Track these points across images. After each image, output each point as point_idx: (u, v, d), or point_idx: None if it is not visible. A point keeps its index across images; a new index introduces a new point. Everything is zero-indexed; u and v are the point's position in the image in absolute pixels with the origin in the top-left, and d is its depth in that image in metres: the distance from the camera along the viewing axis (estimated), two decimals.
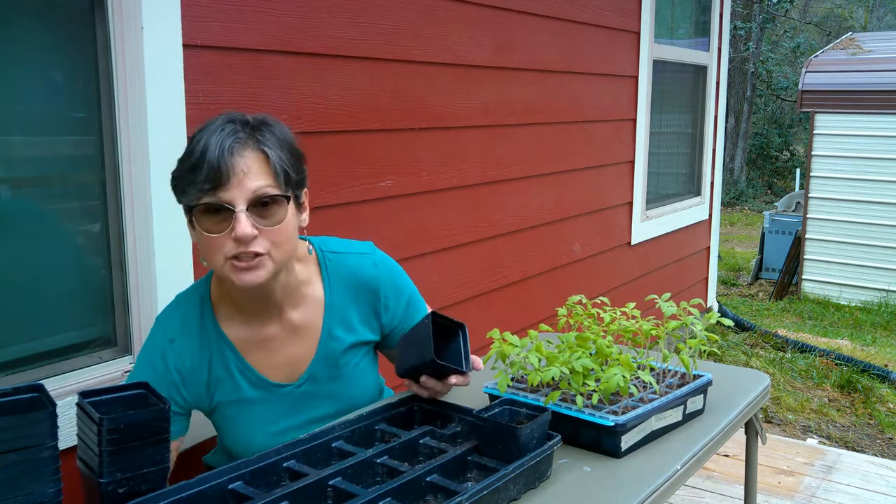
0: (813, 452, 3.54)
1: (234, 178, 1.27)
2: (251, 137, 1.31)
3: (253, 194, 1.29)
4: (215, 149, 1.27)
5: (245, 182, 1.28)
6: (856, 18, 22.34)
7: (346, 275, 1.53)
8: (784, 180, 18.35)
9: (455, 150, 2.81)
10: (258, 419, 1.51)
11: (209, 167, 1.26)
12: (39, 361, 1.71)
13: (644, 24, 3.95)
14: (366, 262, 1.55)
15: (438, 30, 2.66)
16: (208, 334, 1.46)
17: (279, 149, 1.33)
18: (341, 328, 1.53)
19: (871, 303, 7.79)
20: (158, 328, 1.48)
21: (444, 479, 1.25)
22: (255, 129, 1.33)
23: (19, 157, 1.68)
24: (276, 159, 1.31)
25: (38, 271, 1.72)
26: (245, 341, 1.48)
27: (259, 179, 1.29)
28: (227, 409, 1.51)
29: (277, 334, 1.49)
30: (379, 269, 1.56)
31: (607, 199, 3.87)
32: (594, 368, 1.49)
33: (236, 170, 1.27)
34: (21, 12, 1.64)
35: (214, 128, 1.31)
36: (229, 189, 1.27)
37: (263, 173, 1.30)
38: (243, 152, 1.29)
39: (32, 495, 1.07)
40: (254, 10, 2.02)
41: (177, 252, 1.85)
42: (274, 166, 1.31)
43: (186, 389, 1.46)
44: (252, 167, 1.29)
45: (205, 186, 1.27)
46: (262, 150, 1.31)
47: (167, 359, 1.45)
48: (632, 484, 1.33)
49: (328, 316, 1.51)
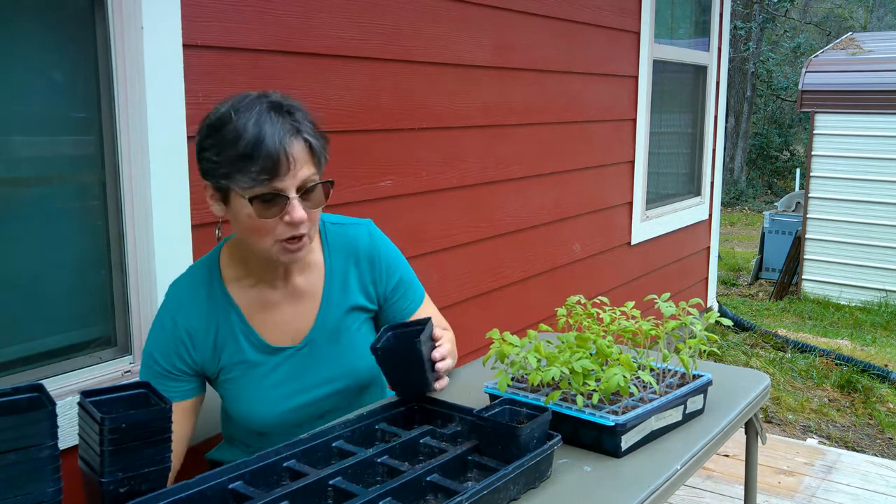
0: (813, 452, 3.54)
1: (290, 169, 1.35)
2: (294, 125, 1.38)
3: (303, 182, 1.38)
4: (272, 138, 1.33)
5: (297, 171, 1.36)
6: (856, 18, 22.35)
7: (344, 244, 1.61)
8: (784, 180, 18.35)
9: (455, 150, 2.81)
10: (261, 382, 1.56)
11: (267, 157, 1.33)
12: (39, 361, 1.71)
13: (644, 24, 3.95)
14: (362, 231, 1.64)
15: (438, 30, 2.66)
16: (216, 299, 1.54)
17: (316, 135, 1.41)
18: (340, 293, 1.60)
19: (871, 303, 7.79)
20: (171, 293, 1.56)
21: (444, 479, 1.25)
22: (290, 115, 1.39)
23: (19, 157, 1.68)
24: (318, 147, 1.40)
25: (38, 271, 1.72)
26: (250, 305, 1.55)
27: (307, 168, 1.39)
28: (232, 372, 1.56)
29: (282, 299, 1.57)
30: (374, 239, 1.65)
31: (607, 199, 3.87)
32: (594, 368, 1.49)
33: (290, 161, 1.35)
34: (21, 12, 1.64)
35: (258, 113, 1.35)
36: (284, 179, 1.35)
37: (309, 162, 1.40)
38: (294, 143, 1.36)
39: (32, 495, 1.07)
40: (254, 10, 2.02)
41: (177, 252, 1.85)
42: (317, 155, 1.41)
43: (195, 350, 1.53)
44: (301, 157, 1.37)
45: (261, 177, 1.33)
46: (306, 138, 1.39)
47: (177, 320, 1.52)
48: (632, 484, 1.33)
49: (328, 281, 1.59)
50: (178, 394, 1.53)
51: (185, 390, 1.54)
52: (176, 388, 1.53)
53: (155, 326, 1.55)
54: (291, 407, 1.59)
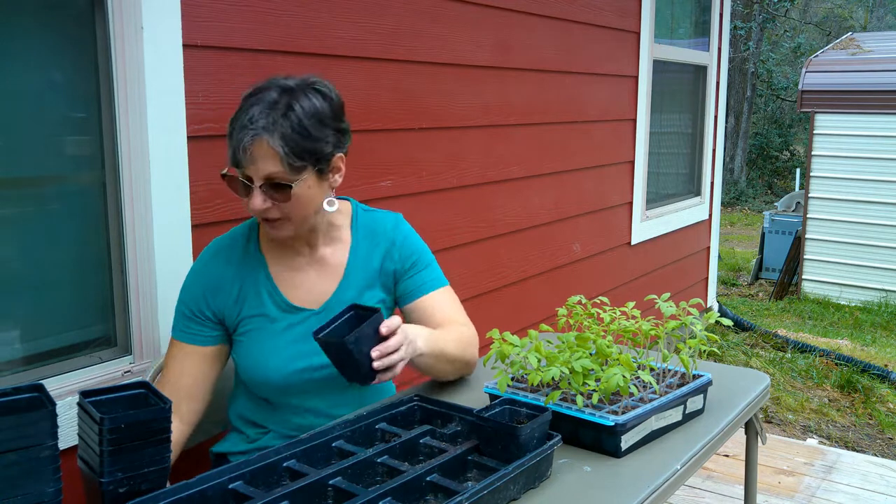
0: (813, 452, 3.54)
1: (251, 163, 1.47)
2: (269, 125, 1.46)
3: (266, 176, 1.48)
4: (237, 134, 1.47)
5: (259, 166, 1.47)
6: (856, 18, 22.35)
7: (370, 226, 1.73)
8: (784, 180, 18.35)
9: (455, 150, 2.81)
10: (277, 337, 1.63)
11: (232, 148, 1.49)
12: (39, 361, 1.71)
13: (644, 24, 3.95)
14: (389, 218, 1.76)
15: (438, 30, 2.66)
16: (249, 254, 1.66)
17: (290, 140, 1.47)
18: (362, 270, 1.70)
19: (871, 303, 7.79)
20: (211, 243, 1.69)
21: (444, 479, 1.25)
22: (279, 114, 1.47)
23: (19, 158, 1.68)
24: (283, 153, 1.46)
25: (38, 271, 1.72)
26: (278, 265, 1.66)
27: (271, 165, 1.47)
28: (251, 324, 1.63)
29: (307, 265, 1.67)
30: (399, 225, 1.75)
31: (607, 199, 3.87)
32: (594, 368, 1.49)
33: (248, 157, 1.47)
34: (21, 12, 1.64)
35: (248, 105, 1.49)
36: (247, 168, 1.48)
37: (275, 161, 1.47)
38: (259, 142, 1.46)
39: (32, 495, 1.07)
40: (254, 10, 2.02)
41: (177, 252, 1.85)
42: (281, 158, 1.47)
43: (219, 298, 1.63)
44: (263, 155, 1.46)
45: (232, 161, 1.50)
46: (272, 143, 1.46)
47: (209, 266, 1.65)
48: (632, 484, 1.33)
49: (352, 257, 1.69)
50: (200, 338, 1.62)
51: (208, 336, 1.63)
52: (199, 332, 1.62)
53: (190, 271, 1.67)
54: (301, 367, 1.62)
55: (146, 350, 1.83)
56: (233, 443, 1.72)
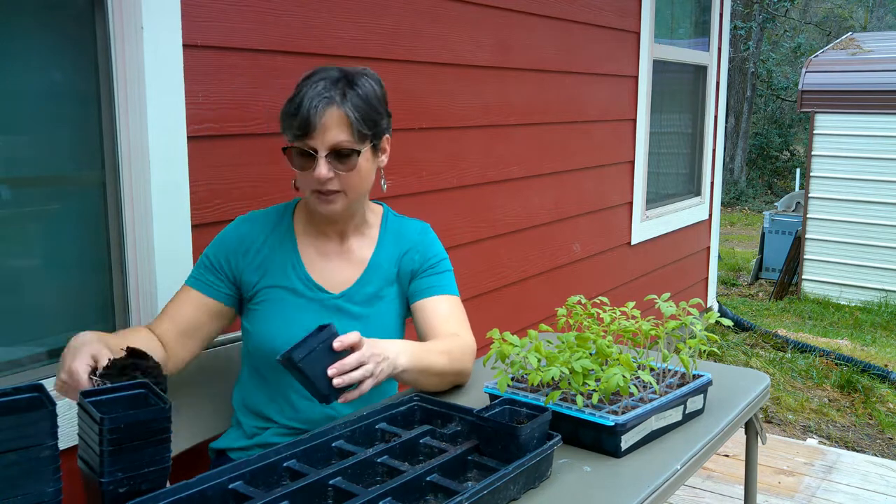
0: (813, 452, 3.54)
1: (318, 131, 1.55)
2: (338, 96, 1.56)
3: (333, 145, 1.56)
4: (307, 103, 1.54)
5: (326, 135, 1.55)
6: (856, 18, 22.34)
7: (398, 230, 1.80)
8: (784, 180, 18.35)
9: (455, 150, 2.81)
10: (293, 311, 1.67)
11: (301, 118, 1.55)
12: (39, 361, 1.71)
13: (644, 24, 3.95)
14: (417, 224, 1.82)
15: (438, 30, 2.66)
16: (282, 229, 1.72)
17: (359, 108, 1.57)
18: (385, 266, 1.75)
19: (871, 303, 7.79)
20: (248, 213, 1.76)
21: (444, 479, 1.25)
22: (344, 87, 1.58)
23: (19, 157, 1.68)
24: (354, 119, 1.56)
25: (38, 271, 1.72)
26: (307, 247, 1.72)
27: (339, 134, 1.56)
28: (270, 294, 1.68)
29: (334, 252, 1.73)
30: (425, 232, 1.81)
31: (607, 199, 3.87)
32: (594, 368, 1.49)
33: (320, 124, 1.54)
34: (21, 12, 1.64)
35: (312, 82, 1.57)
36: (314, 138, 1.55)
37: (343, 128, 1.56)
38: (328, 110, 1.55)
39: (32, 495, 1.07)
40: (254, 10, 2.02)
41: (177, 252, 1.85)
42: (351, 124, 1.56)
43: (243, 260, 1.68)
44: (334, 123, 1.55)
45: (297, 133, 1.56)
46: (344, 109, 1.56)
47: (241, 228, 1.71)
48: (632, 484, 1.33)
49: (376, 253, 1.75)
50: (212, 290, 1.66)
51: (219, 291, 1.67)
52: (212, 284, 1.66)
53: (221, 231, 1.73)
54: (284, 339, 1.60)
55: None
56: (232, 438, 1.73)
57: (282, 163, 2.13)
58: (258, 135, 2.07)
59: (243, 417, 1.73)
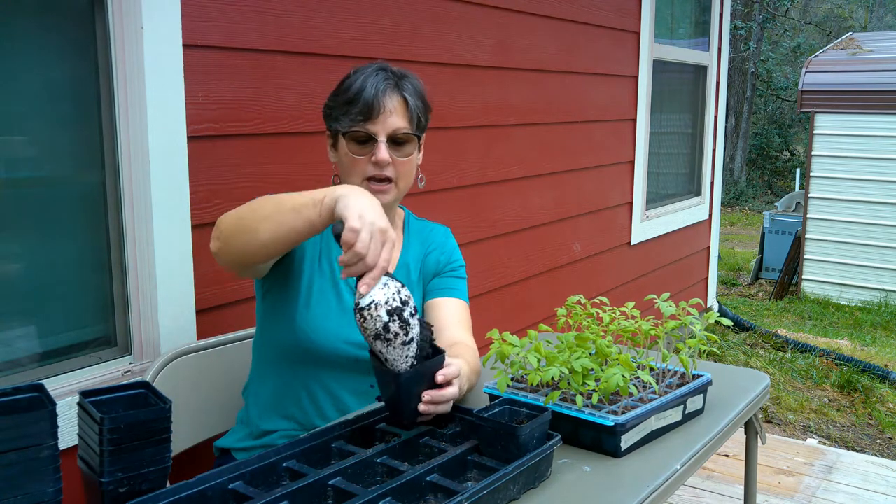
0: (813, 452, 3.54)
1: (382, 115, 1.58)
2: (397, 84, 1.61)
3: (393, 130, 1.59)
4: (371, 88, 1.57)
5: (389, 119, 1.58)
6: (856, 18, 22.34)
7: (422, 231, 1.82)
8: (784, 180, 18.35)
9: (455, 150, 2.81)
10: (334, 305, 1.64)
11: (364, 102, 1.57)
12: (39, 361, 1.71)
13: (644, 24, 3.95)
14: (439, 228, 1.84)
15: (438, 30, 2.66)
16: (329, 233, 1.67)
17: (416, 97, 1.63)
18: (409, 268, 1.76)
19: (871, 303, 7.79)
20: None
21: (444, 479, 1.25)
22: (399, 78, 1.62)
23: (19, 157, 1.68)
24: (414, 106, 1.62)
25: (38, 271, 1.72)
26: None
27: (399, 120, 1.60)
28: (304, 281, 1.63)
29: None
30: (449, 237, 1.84)
31: (607, 199, 3.87)
32: (594, 368, 1.49)
33: (384, 108, 1.58)
34: (21, 12, 1.64)
35: (369, 72, 1.61)
36: (376, 123, 1.58)
37: (403, 115, 1.61)
38: (392, 95, 1.59)
39: (32, 495, 1.07)
40: (254, 10, 2.02)
41: (177, 252, 1.85)
42: (411, 111, 1.61)
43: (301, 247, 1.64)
44: (394, 108, 1.59)
45: (358, 118, 1.58)
46: (405, 96, 1.61)
47: None
48: (632, 484, 1.33)
49: (404, 254, 1.76)
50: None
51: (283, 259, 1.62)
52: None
53: None
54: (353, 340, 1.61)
55: (146, 350, 1.83)
56: (237, 438, 1.71)
57: (282, 163, 2.14)
58: (258, 135, 2.07)
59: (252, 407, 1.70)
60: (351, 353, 1.63)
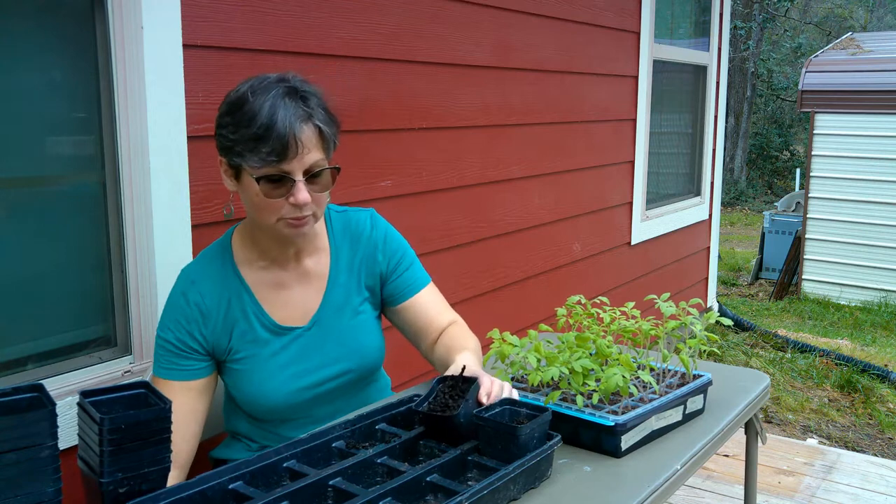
0: (813, 452, 3.54)
1: (298, 153, 1.40)
2: (306, 111, 1.43)
3: (310, 166, 1.43)
4: (282, 124, 1.38)
5: (304, 156, 1.42)
6: (856, 18, 22.34)
7: (348, 228, 1.68)
8: (784, 180, 18.35)
9: (455, 150, 2.81)
10: (270, 362, 1.58)
11: (277, 140, 1.38)
12: (39, 361, 1.71)
13: (644, 24, 3.95)
14: (364, 216, 1.70)
15: (438, 30, 2.66)
16: (228, 278, 1.58)
17: (328, 123, 1.46)
18: (346, 274, 1.66)
19: (871, 303, 7.79)
20: (182, 274, 1.60)
21: (444, 479, 1.25)
22: (304, 100, 1.44)
23: (19, 157, 1.68)
24: (329, 134, 1.46)
25: (38, 271, 1.72)
26: (261, 286, 1.59)
27: (315, 153, 1.44)
28: (242, 351, 1.57)
29: (291, 280, 1.61)
30: (375, 222, 1.71)
31: (607, 199, 3.87)
32: (594, 368, 1.49)
33: (298, 145, 1.40)
34: (21, 12, 1.64)
35: (273, 97, 1.41)
36: (291, 162, 1.40)
37: (318, 147, 1.45)
38: (303, 127, 1.41)
39: (32, 495, 1.07)
40: (254, 10, 2.02)
41: (177, 252, 1.85)
42: (327, 140, 1.46)
43: (206, 328, 1.55)
44: (310, 142, 1.42)
45: (270, 158, 1.39)
46: (317, 124, 1.44)
47: (188, 296, 1.55)
48: (632, 484, 1.33)
49: (334, 263, 1.65)
50: (189, 372, 1.54)
51: (197, 369, 1.55)
52: (187, 367, 1.54)
53: (167, 306, 1.58)
54: (299, 387, 1.59)
55: (146, 350, 1.83)
56: (234, 450, 1.69)
57: None
58: None
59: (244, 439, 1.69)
60: (307, 397, 1.61)
